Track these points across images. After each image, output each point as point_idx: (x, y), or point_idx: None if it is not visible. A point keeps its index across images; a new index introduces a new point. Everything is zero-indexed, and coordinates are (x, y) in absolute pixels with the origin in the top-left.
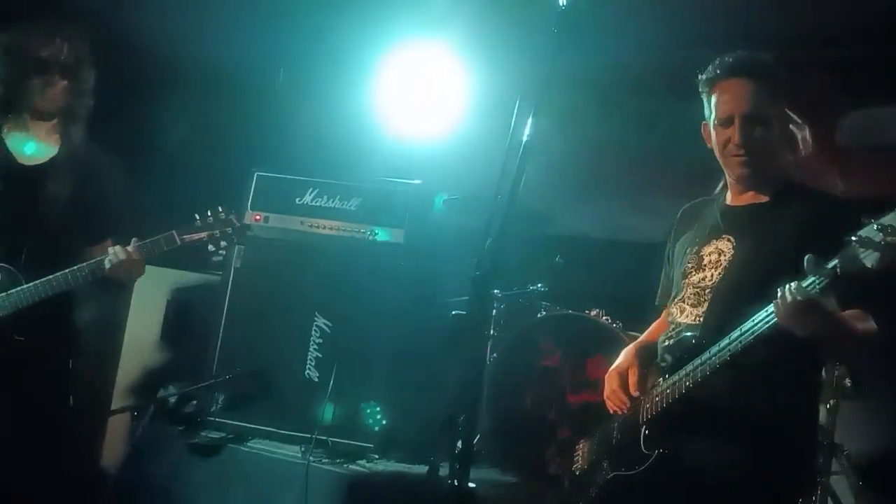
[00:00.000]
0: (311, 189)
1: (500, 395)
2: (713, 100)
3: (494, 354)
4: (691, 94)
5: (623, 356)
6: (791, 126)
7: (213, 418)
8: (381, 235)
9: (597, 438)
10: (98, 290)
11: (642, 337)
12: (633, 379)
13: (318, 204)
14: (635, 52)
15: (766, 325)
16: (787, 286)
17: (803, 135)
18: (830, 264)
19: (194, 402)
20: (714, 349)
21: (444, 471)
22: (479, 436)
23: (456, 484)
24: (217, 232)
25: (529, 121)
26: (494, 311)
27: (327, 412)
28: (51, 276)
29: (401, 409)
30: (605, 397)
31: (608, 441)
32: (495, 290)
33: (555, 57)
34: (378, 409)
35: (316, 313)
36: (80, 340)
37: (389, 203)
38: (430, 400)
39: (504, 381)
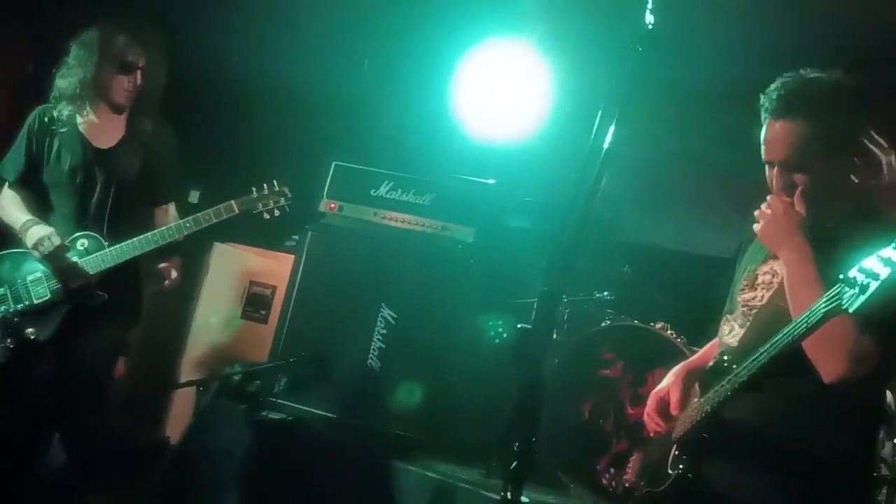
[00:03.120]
0: (386, 181)
1: (556, 400)
2: (761, 134)
3: (556, 359)
4: None
5: (669, 376)
6: (875, 149)
7: (274, 399)
8: (452, 233)
9: (644, 453)
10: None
11: (694, 357)
12: (674, 398)
13: (392, 197)
14: (718, 69)
15: (780, 346)
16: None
17: (889, 159)
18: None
19: (258, 381)
20: (735, 370)
21: (497, 474)
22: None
23: (509, 497)
24: (271, 202)
25: (611, 128)
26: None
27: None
28: (127, 241)
29: (459, 407)
30: (644, 420)
31: (649, 457)
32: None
33: (638, 72)
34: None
35: (382, 304)
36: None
37: (462, 201)
38: (490, 402)
39: (562, 387)
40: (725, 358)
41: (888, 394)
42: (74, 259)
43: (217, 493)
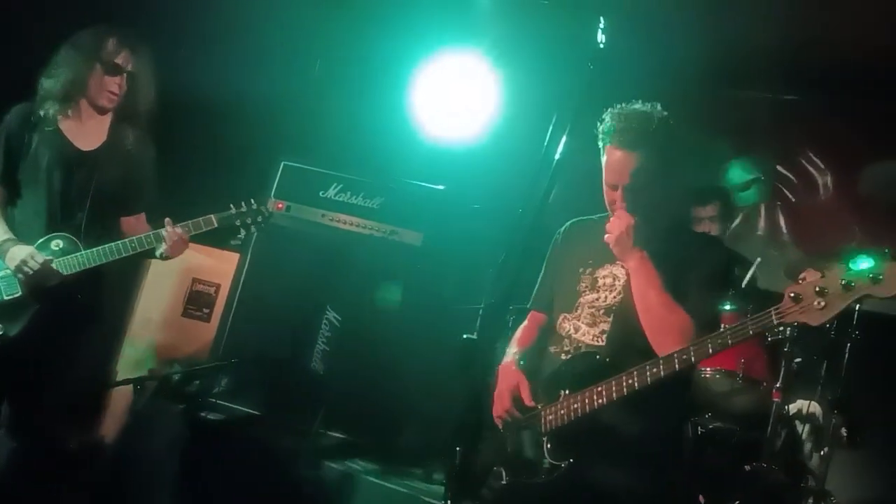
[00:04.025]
0: (335, 183)
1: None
2: (603, 158)
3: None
4: (715, 131)
5: (508, 374)
6: (813, 171)
7: (214, 400)
8: (400, 237)
9: (488, 444)
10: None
11: (515, 347)
12: (524, 392)
13: (340, 199)
14: (665, 87)
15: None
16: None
17: (824, 181)
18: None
19: (197, 381)
20: (632, 370)
21: (438, 476)
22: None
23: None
24: (249, 219)
25: (563, 140)
26: None
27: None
28: (107, 245)
29: (402, 411)
30: (495, 416)
31: (501, 448)
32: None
33: (589, 88)
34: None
35: (327, 307)
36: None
37: (412, 205)
38: (434, 407)
39: None
40: (591, 352)
41: (816, 406)
42: (49, 258)
43: (152, 494)
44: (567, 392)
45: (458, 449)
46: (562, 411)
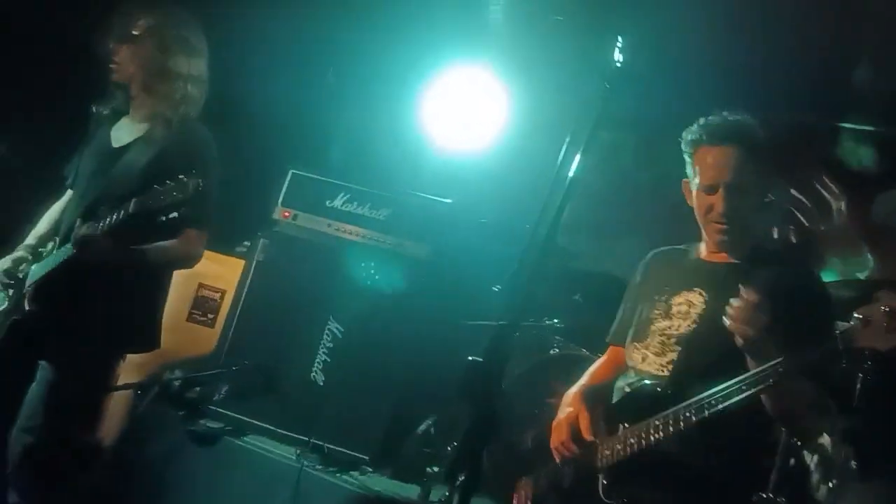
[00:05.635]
0: (343, 193)
1: (503, 428)
2: (697, 164)
3: (502, 385)
4: None
5: (569, 403)
6: (827, 195)
7: (214, 407)
8: (407, 249)
9: (543, 478)
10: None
11: (585, 379)
12: (584, 423)
13: (347, 209)
14: (681, 107)
15: (749, 391)
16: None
17: (839, 205)
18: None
19: (198, 388)
20: (690, 403)
21: (436, 494)
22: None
23: None
24: (174, 196)
25: (577, 158)
26: None
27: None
28: (54, 252)
29: (402, 425)
30: (552, 447)
31: (557, 482)
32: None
33: (605, 107)
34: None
35: (330, 317)
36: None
37: (419, 218)
38: (437, 422)
39: (508, 414)
40: (651, 383)
41: (826, 437)
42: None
43: (150, 500)
44: (626, 426)
45: (459, 477)
46: (618, 446)
